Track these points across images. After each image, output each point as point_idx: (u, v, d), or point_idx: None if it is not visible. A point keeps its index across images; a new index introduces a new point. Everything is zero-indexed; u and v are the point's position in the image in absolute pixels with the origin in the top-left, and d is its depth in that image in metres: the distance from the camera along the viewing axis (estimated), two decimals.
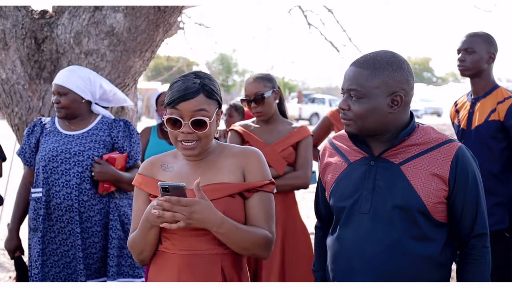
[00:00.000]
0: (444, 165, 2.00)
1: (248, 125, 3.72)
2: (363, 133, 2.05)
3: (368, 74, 1.99)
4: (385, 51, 2.05)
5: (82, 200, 3.17)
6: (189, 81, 2.06)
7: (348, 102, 2.03)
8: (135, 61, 3.88)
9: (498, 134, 3.40)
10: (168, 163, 2.17)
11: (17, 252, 3.35)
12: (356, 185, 2.07)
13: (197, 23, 10.07)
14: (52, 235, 3.19)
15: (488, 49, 3.49)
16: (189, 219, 1.91)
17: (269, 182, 2.12)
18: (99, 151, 3.23)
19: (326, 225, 2.29)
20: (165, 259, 2.08)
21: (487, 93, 3.51)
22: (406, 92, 2.02)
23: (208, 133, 2.06)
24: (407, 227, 2.00)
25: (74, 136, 3.26)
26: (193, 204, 1.90)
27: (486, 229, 2.06)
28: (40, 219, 3.16)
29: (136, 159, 3.34)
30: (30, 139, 3.34)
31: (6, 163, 3.83)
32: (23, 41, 3.79)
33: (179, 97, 2.03)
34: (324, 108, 29.53)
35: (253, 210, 2.08)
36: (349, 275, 2.05)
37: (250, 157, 2.12)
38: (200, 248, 2.04)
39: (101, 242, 3.22)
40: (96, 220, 3.20)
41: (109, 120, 3.35)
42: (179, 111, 2.03)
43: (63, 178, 3.17)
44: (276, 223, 3.49)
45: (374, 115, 2.00)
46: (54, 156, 3.19)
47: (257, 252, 2.07)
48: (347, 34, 9.44)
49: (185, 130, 2.03)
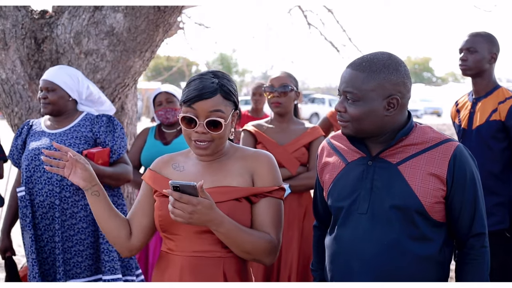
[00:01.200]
0: (442, 164, 2.00)
1: (261, 125, 3.74)
2: (360, 135, 2.06)
3: (364, 77, 1.99)
4: (382, 53, 2.05)
5: (64, 197, 3.17)
6: (207, 81, 2.02)
7: (344, 104, 2.03)
8: (135, 61, 3.88)
9: (499, 134, 3.40)
10: (180, 162, 2.15)
11: (8, 252, 3.36)
12: (354, 185, 2.07)
13: (197, 23, 10.06)
14: (39, 233, 3.20)
15: (490, 49, 3.49)
16: (190, 217, 1.89)
17: (278, 188, 2.08)
18: (80, 147, 3.22)
19: (325, 224, 2.29)
20: (168, 260, 2.08)
21: (488, 93, 3.51)
22: (402, 94, 2.01)
23: (223, 134, 2.03)
24: (405, 227, 1.99)
25: (56, 134, 3.27)
26: (195, 203, 1.88)
27: (484, 228, 2.05)
28: (27, 218, 3.18)
29: (120, 153, 3.31)
30: (17, 141, 3.37)
31: (6, 163, 3.83)
32: (23, 41, 3.79)
33: (196, 96, 2.00)
34: (324, 108, 29.53)
35: (259, 215, 2.05)
36: (347, 275, 2.05)
37: (260, 161, 2.08)
38: (202, 249, 2.03)
39: (89, 239, 3.20)
40: (80, 216, 3.19)
41: (92, 116, 3.34)
42: (194, 110, 2.01)
43: (45, 175, 3.18)
44: (292, 222, 3.55)
45: (370, 118, 2.00)
46: (36, 154, 3.21)
47: (259, 257, 2.03)
48: (347, 34, 9.42)
49: (199, 130, 2.01)
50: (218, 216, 1.93)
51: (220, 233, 1.96)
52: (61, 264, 3.14)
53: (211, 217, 1.91)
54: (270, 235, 2.04)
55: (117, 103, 4.03)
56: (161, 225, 2.07)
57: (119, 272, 3.22)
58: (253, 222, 2.05)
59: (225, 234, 1.96)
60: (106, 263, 3.19)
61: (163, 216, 2.05)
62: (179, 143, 3.92)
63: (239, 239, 1.97)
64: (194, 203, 1.87)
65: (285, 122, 3.70)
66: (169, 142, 4.01)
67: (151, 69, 33.95)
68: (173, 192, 1.87)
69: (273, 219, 2.06)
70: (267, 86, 3.66)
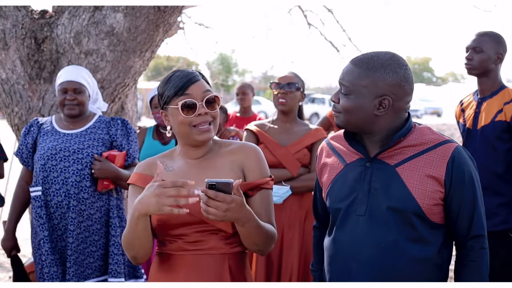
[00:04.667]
0: (440, 166, 1.99)
1: (263, 125, 3.74)
2: (349, 128, 2.08)
3: (359, 72, 2.00)
4: (386, 53, 2.04)
5: (82, 198, 3.17)
6: (184, 71, 2.08)
7: (338, 95, 2.07)
8: (135, 61, 3.87)
9: (503, 134, 3.39)
10: (166, 163, 2.13)
11: (14, 251, 3.37)
12: (351, 187, 2.07)
13: (197, 23, 10.07)
14: (59, 233, 3.19)
15: (496, 49, 3.47)
16: (224, 215, 1.87)
17: (270, 179, 2.13)
18: (98, 149, 3.23)
19: (325, 225, 2.29)
20: (170, 260, 2.05)
21: (493, 93, 3.49)
22: (397, 96, 2.00)
23: (217, 113, 2.08)
24: (403, 229, 1.99)
25: (72, 134, 3.26)
26: (229, 201, 1.86)
27: (483, 230, 2.05)
28: (41, 218, 3.16)
29: (135, 157, 3.36)
30: (27, 140, 3.34)
31: (6, 163, 3.83)
32: (23, 41, 3.79)
33: (187, 81, 2.04)
34: (324, 108, 29.51)
35: (256, 207, 2.07)
36: (345, 277, 2.05)
37: (248, 154, 2.11)
38: (206, 247, 2.03)
39: (102, 240, 3.22)
40: (96, 218, 3.21)
41: (107, 119, 3.36)
42: (190, 95, 2.03)
43: (62, 176, 3.17)
44: (293, 223, 3.56)
45: (358, 113, 2.01)
46: (53, 154, 3.19)
47: (263, 248, 2.07)
48: (347, 34, 9.43)
49: (202, 111, 2.02)
50: (248, 213, 1.93)
51: (244, 228, 1.96)
52: (72, 264, 3.13)
53: (242, 214, 1.91)
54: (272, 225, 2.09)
55: (117, 103, 4.03)
56: (161, 229, 2.04)
57: (122, 276, 3.24)
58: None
59: (248, 229, 1.96)
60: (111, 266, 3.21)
61: (162, 220, 2.03)
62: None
63: (258, 233, 1.99)
64: (229, 201, 1.85)
65: (289, 122, 3.70)
66: (167, 142, 4.02)
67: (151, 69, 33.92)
68: (209, 191, 1.84)
69: (268, 210, 2.11)
70: (274, 83, 3.67)
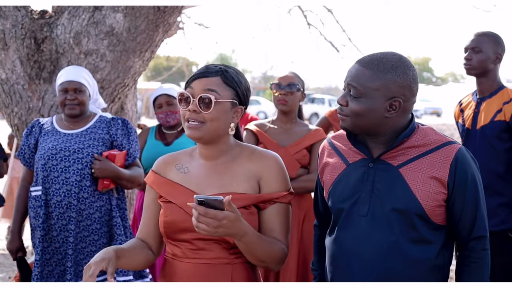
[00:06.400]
0: (443, 168, 1.98)
1: (263, 125, 3.73)
2: (357, 131, 2.04)
3: (370, 74, 1.97)
4: (394, 54, 2.03)
5: (82, 197, 3.17)
6: (211, 65, 2.02)
7: (347, 98, 2.01)
8: (134, 61, 3.87)
9: (503, 134, 3.39)
10: (183, 162, 2.08)
11: (19, 252, 3.36)
12: (354, 187, 2.05)
13: (197, 23, 10.08)
14: (54, 234, 3.19)
15: (495, 49, 3.47)
16: (215, 232, 1.82)
17: (287, 193, 2.03)
18: (99, 148, 3.24)
19: (325, 224, 2.28)
20: (173, 267, 2.02)
21: (492, 93, 3.50)
22: (406, 98, 2.00)
23: (214, 117, 1.95)
24: (405, 230, 1.98)
25: (73, 134, 3.27)
26: (220, 218, 1.80)
27: (485, 231, 2.04)
28: (40, 218, 3.16)
29: (135, 156, 3.36)
30: (29, 140, 3.34)
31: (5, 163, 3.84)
32: (23, 41, 3.79)
33: (196, 75, 2.00)
34: (324, 108, 29.53)
35: (269, 222, 2.00)
36: (347, 277, 2.04)
37: (268, 164, 2.02)
38: (210, 256, 1.98)
39: (102, 240, 3.22)
40: (95, 217, 3.20)
41: (107, 119, 3.36)
42: (192, 89, 1.99)
43: (63, 175, 3.17)
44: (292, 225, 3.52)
45: (370, 116, 1.98)
46: (54, 154, 3.20)
47: (271, 265, 2.00)
48: (347, 34, 9.44)
49: (191, 108, 1.96)
50: (243, 228, 1.86)
51: (242, 243, 1.90)
52: (72, 264, 3.13)
53: (236, 230, 1.84)
54: (281, 242, 2.01)
55: (117, 103, 4.03)
56: (167, 232, 2.02)
57: (130, 274, 3.25)
58: (263, 228, 2.01)
59: (246, 244, 1.90)
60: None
61: (168, 223, 2.00)
62: (180, 143, 3.91)
63: (258, 249, 1.92)
64: (220, 217, 1.79)
65: (289, 122, 3.69)
66: (170, 142, 4.00)
67: (151, 69, 33.96)
68: (198, 207, 1.79)
69: (283, 226, 2.02)
70: (274, 84, 3.66)
